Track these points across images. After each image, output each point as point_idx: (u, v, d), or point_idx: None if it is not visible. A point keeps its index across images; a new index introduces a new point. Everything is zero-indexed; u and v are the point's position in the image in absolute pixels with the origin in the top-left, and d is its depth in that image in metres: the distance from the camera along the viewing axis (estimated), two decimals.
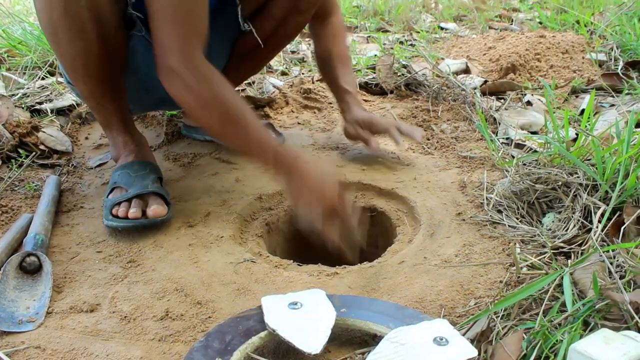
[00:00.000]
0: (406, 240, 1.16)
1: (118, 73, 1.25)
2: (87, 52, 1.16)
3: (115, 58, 1.21)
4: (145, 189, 1.20)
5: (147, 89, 1.34)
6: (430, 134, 1.64)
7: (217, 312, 0.93)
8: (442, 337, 0.76)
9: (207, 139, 1.62)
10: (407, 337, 0.77)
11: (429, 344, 0.76)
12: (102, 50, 1.17)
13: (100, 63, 1.18)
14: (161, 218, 1.17)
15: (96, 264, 1.08)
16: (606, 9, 2.86)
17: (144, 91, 1.35)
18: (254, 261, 1.07)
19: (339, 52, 1.55)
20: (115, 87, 1.25)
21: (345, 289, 0.98)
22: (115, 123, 1.31)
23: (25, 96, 1.84)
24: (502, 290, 0.92)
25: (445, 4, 3.59)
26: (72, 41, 1.14)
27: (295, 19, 1.45)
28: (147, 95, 1.39)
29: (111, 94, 1.26)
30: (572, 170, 1.17)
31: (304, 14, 1.44)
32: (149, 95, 1.39)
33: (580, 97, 1.91)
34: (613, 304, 0.81)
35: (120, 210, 1.16)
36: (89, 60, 1.17)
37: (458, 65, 2.15)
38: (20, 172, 1.42)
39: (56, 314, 0.94)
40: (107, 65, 1.20)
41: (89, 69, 1.19)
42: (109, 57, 1.19)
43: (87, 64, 1.18)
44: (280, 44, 1.57)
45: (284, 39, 1.54)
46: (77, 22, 1.11)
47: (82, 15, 1.10)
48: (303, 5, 1.41)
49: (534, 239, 1.07)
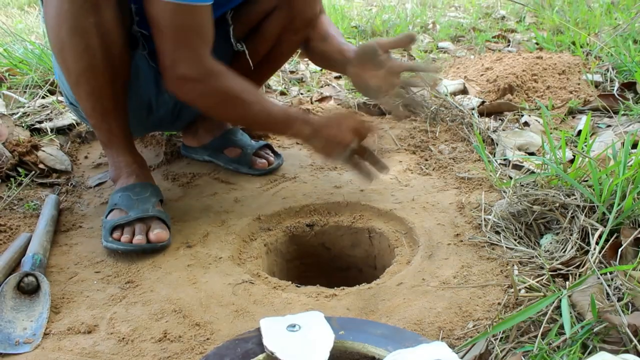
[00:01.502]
0: (404, 261, 1.16)
1: (121, 91, 1.26)
2: (92, 69, 1.18)
3: (119, 76, 1.23)
4: (146, 213, 1.20)
5: (149, 109, 1.35)
6: (428, 154, 1.65)
7: (216, 333, 0.93)
8: None
9: (206, 159, 1.62)
10: None
11: None
12: (107, 68, 1.18)
13: (105, 80, 1.20)
14: (162, 243, 1.17)
15: (94, 285, 1.08)
16: (601, 30, 2.89)
17: (145, 111, 1.36)
18: (252, 282, 1.07)
19: (334, 31, 1.51)
20: (117, 105, 1.27)
21: (344, 310, 0.98)
22: (116, 142, 1.32)
23: (25, 115, 1.84)
24: (500, 312, 0.92)
25: (443, 24, 3.63)
26: (79, 57, 1.16)
27: (289, 38, 1.46)
28: (148, 117, 1.40)
29: (113, 112, 1.27)
30: (570, 192, 1.17)
31: (298, 33, 1.46)
32: (150, 116, 1.40)
33: (577, 117, 1.92)
34: (611, 326, 0.81)
35: (124, 237, 1.16)
36: (93, 76, 1.19)
37: (456, 85, 2.16)
38: (20, 191, 1.42)
39: (53, 335, 0.94)
40: (110, 83, 1.21)
41: (93, 85, 1.21)
42: (113, 74, 1.21)
43: (91, 81, 1.20)
44: (276, 64, 1.59)
45: (280, 58, 1.56)
46: (84, 38, 1.14)
47: (89, 31, 1.13)
48: (297, 24, 1.43)
49: (531, 261, 1.07)
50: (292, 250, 1.33)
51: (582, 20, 3.24)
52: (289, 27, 1.43)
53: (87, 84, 1.21)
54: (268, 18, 1.42)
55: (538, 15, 3.68)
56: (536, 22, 3.57)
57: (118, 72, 1.22)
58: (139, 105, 1.34)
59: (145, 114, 1.38)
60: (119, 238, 1.16)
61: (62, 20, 1.12)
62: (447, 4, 4.56)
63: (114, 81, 1.22)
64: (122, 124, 1.30)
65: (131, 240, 1.15)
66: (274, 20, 1.42)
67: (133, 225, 1.18)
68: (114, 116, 1.28)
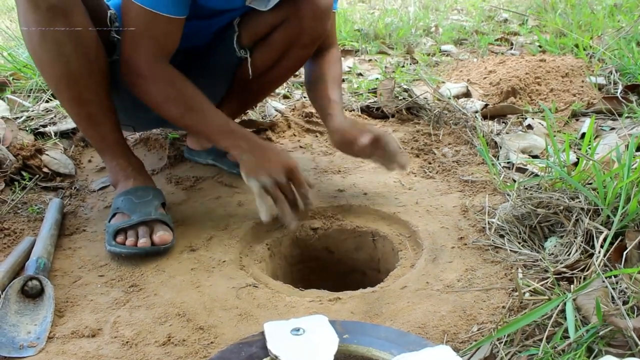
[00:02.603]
0: (408, 265, 1.16)
1: (104, 95, 1.26)
2: (69, 75, 1.18)
3: (99, 80, 1.23)
4: (148, 216, 1.20)
5: (146, 109, 1.36)
6: (431, 157, 1.64)
7: (220, 337, 0.93)
8: None
9: (210, 163, 1.62)
10: None
11: None
12: (84, 74, 1.19)
13: (84, 85, 1.21)
14: (165, 246, 1.17)
15: (98, 288, 1.08)
16: (605, 32, 2.89)
17: (143, 111, 1.37)
18: (256, 286, 1.07)
19: (333, 74, 1.50)
20: (102, 109, 1.27)
21: (348, 314, 0.97)
22: (106, 147, 1.33)
23: (29, 119, 1.85)
24: (505, 315, 0.92)
25: (446, 27, 3.63)
26: (52, 64, 1.17)
27: (297, 53, 1.45)
28: (146, 115, 1.40)
29: (99, 117, 1.27)
30: (574, 195, 1.17)
31: (307, 48, 1.45)
32: (148, 115, 1.40)
33: (580, 120, 1.92)
34: (617, 330, 0.81)
35: (128, 240, 1.16)
36: (72, 83, 1.20)
37: (459, 89, 2.17)
38: (24, 194, 1.43)
39: (57, 338, 0.94)
40: (91, 88, 1.22)
41: (73, 92, 1.21)
42: (92, 79, 1.21)
43: (70, 87, 1.21)
44: (281, 77, 1.58)
45: (285, 72, 1.55)
46: (55, 45, 1.15)
47: (59, 39, 1.14)
48: (306, 39, 1.41)
49: (536, 264, 1.07)
50: (295, 254, 1.33)
51: (585, 23, 3.23)
52: (297, 42, 1.41)
53: (66, 91, 1.22)
54: (277, 30, 1.41)
55: (541, 18, 3.68)
56: (539, 24, 3.57)
57: (97, 78, 1.22)
58: (136, 103, 1.33)
59: (144, 113, 1.37)
60: (123, 242, 1.17)
61: (32, 31, 1.14)
62: (450, 7, 4.56)
63: (93, 85, 1.22)
64: (111, 128, 1.30)
65: (135, 244, 1.15)
66: (282, 33, 1.40)
67: (136, 228, 1.19)
68: (101, 121, 1.28)
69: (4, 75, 2.18)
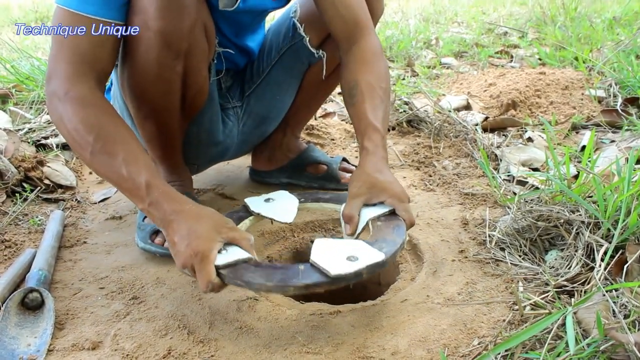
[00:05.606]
0: (409, 278, 1.16)
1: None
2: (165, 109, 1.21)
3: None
4: None
5: (216, 143, 1.36)
6: (432, 170, 1.65)
7: (220, 350, 0.92)
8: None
9: (284, 182, 1.60)
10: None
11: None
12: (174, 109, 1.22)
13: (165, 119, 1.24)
14: None
15: (99, 301, 1.08)
16: (604, 45, 2.91)
17: (213, 145, 1.37)
18: (256, 299, 1.07)
19: (367, 81, 1.20)
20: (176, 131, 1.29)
21: (348, 327, 0.97)
22: (167, 159, 1.34)
23: (31, 131, 1.86)
24: (505, 329, 0.92)
25: (446, 40, 3.65)
26: (163, 99, 1.19)
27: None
28: (214, 149, 1.40)
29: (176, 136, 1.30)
30: (574, 208, 1.17)
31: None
32: (214, 148, 1.39)
33: (580, 133, 1.93)
34: (618, 344, 0.80)
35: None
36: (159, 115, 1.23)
37: (459, 101, 2.17)
38: (25, 206, 1.43)
39: (57, 351, 0.93)
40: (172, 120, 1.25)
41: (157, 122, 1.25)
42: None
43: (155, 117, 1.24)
44: None
45: None
46: (169, 84, 1.16)
47: (173, 80, 1.15)
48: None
49: (536, 277, 1.07)
50: None
51: (584, 36, 3.25)
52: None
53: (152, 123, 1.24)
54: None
55: (540, 30, 3.70)
56: (539, 37, 3.59)
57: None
58: (206, 136, 1.33)
59: (213, 147, 1.38)
60: (162, 243, 1.18)
61: (147, 70, 1.12)
62: (450, 20, 4.59)
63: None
64: (177, 143, 1.32)
65: None
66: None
67: None
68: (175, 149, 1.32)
69: (6, 87, 2.20)
